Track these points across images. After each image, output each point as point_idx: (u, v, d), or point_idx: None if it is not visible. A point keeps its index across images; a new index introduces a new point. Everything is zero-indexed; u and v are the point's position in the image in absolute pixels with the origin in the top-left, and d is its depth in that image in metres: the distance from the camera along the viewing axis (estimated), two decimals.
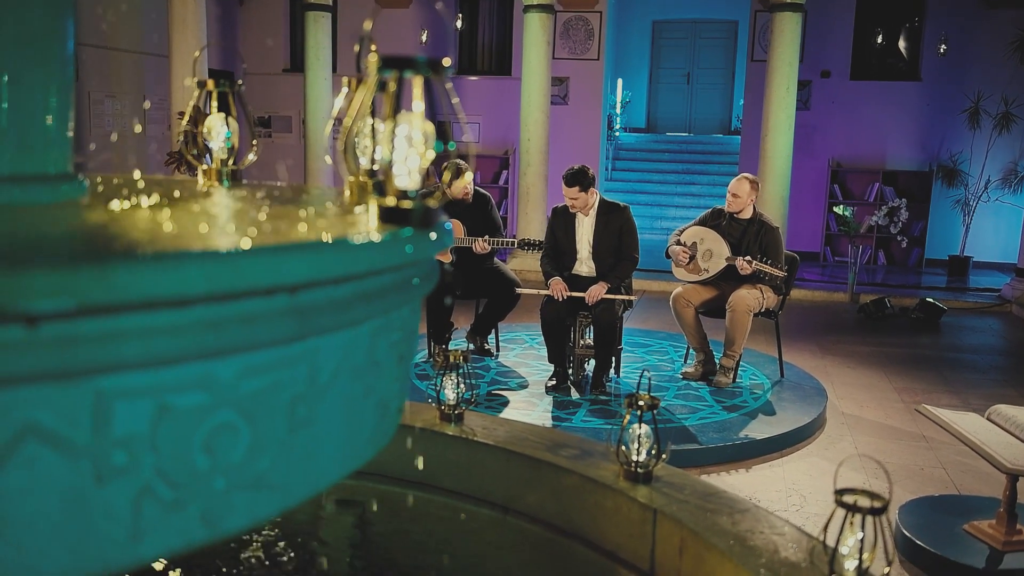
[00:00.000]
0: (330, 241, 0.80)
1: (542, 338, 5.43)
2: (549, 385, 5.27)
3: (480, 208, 5.73)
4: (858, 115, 11.36)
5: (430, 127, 0.97)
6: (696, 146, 14.34)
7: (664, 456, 1.95)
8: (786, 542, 1.62)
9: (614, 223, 5.26)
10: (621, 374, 5.60)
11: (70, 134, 1.10)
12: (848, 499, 1.45)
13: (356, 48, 1.44)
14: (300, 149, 11.70)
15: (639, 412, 1.92)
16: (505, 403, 5.00)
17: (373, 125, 1.42)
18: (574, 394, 5.21)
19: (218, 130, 1.56)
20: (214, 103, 1.58)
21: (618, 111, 14.44)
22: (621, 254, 5.25)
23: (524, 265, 9.58)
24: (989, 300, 9.03)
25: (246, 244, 0.73)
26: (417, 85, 0.97)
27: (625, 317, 5.43)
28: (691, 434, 4.53)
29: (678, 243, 5.64)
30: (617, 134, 14.34)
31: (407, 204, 0.95)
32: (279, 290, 0.76)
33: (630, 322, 6.56)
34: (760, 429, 4.67)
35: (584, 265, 5.38)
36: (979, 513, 3.64)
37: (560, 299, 5.14)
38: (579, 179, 5.19)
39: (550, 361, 5.36)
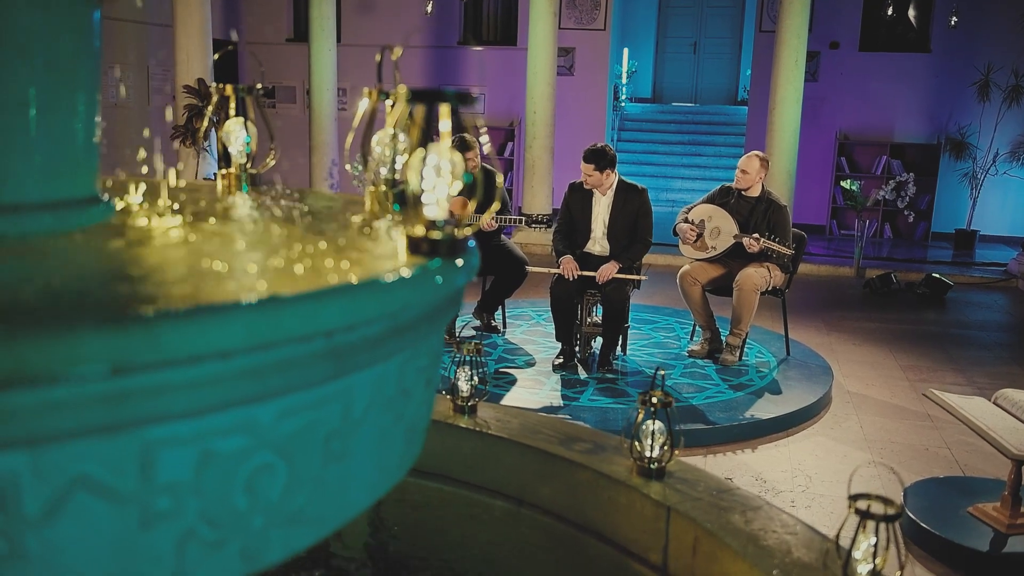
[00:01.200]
0: (365, 283, 0.81)
1: (549, 315, 5.45)
2: (556, 363, 5.30)
3: (487, 184, 5.72)
4: (866, 87, 11.27)
5: (458, 157, 0.98)
6: (702, 117, 14.24)
7: (676, 452, 1.97)
8: (798, 542, 1.64)
9: (631, 205, 5.25)
10: (628, 352, 5.63)
11: (97, 155, 1.11)
12: (862, 505, 1.48)
13: (378, 58, 1.44)
14: (304, 120, 11.63)
15: (652, 409, 1.94)
16: (513, 381, 5.03)
17: (395, 136, 1.42)
18: (581, 372, 5.24)
19: (237, 135, 1.56)
20: (232, 109, 1.58)
21: (624, 81, 14.32)
22: (635, 236, 5.25)
23: (529, 239, 9.57)
24: (995, 275, 9.02)
25: (285, 292, 0.75)
26: (444, 114, 0.97)
27: (632, 295, 5.44)
28: (698, 413, 4.56)
29: (686, 221, 5.64)
30: (623, 104, 14.25)
31: (436, 234, 0.96)
32: (316, 335, 0.77)
33: (635, 298, 6.57)
34: (766, 408, 4.70)
35: (597, 244, 5.38)
36: (984, 495, 3.68)
37: (571, 278, 5.15)
38: (597, 157, 5.17)
39: (558, 339, 5.38)
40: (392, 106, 1.45)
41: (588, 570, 1.94)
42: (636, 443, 1.93)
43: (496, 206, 1.12)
